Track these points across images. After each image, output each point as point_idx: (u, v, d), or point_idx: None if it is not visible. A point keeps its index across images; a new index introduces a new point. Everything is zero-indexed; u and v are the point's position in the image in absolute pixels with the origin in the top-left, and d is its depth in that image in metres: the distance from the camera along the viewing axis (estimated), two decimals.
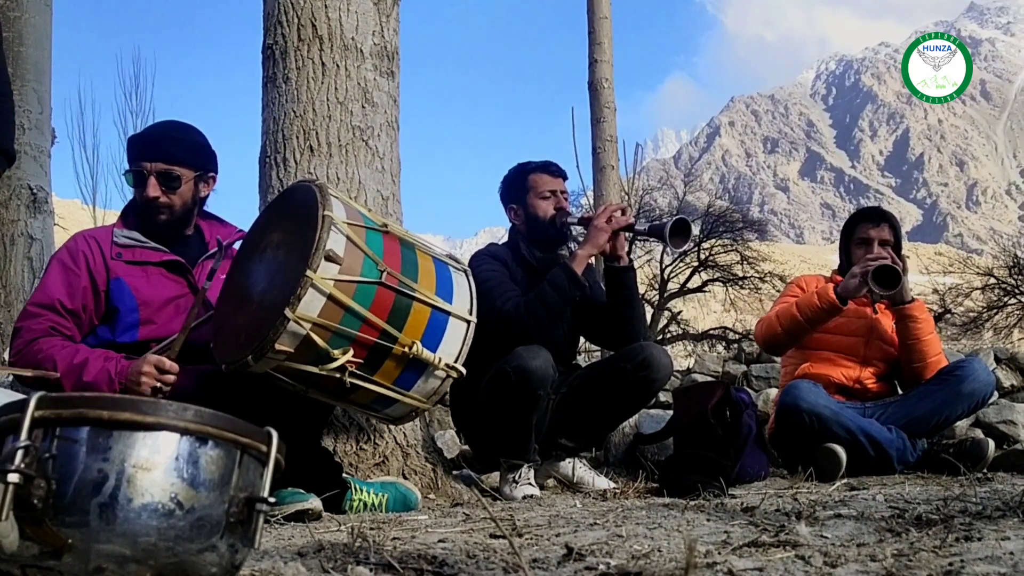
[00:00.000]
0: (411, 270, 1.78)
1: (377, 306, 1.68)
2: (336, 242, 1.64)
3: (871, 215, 3.18)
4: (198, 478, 0.72)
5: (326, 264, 1.61)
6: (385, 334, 1.68)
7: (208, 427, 0.72)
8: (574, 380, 2.86)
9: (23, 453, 0.65)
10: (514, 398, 2.52)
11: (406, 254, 1.82)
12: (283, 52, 2.84)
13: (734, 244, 18.05)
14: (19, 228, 4.65)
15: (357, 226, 1.74)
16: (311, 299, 1.59)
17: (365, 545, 1.01)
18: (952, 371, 2.97)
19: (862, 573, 0.78)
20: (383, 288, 1.69)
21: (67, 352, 1.93)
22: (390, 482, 2.31)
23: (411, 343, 1.71)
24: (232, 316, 1.88)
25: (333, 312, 1.62)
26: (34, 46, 4.76)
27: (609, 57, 4.31)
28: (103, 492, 0.68)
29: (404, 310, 1.71)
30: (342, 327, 1.64)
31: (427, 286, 1.78)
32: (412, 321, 1.72)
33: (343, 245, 1.65)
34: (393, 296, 1.70)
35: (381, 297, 1.68)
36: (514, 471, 2.64)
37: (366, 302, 1.66)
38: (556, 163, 2.97)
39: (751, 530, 1.15)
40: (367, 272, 1.68)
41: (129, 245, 2.13)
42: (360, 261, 1.68)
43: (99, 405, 0.69)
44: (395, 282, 1.70)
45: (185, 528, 0.70)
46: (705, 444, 2.79)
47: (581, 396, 2.79)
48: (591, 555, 0.92)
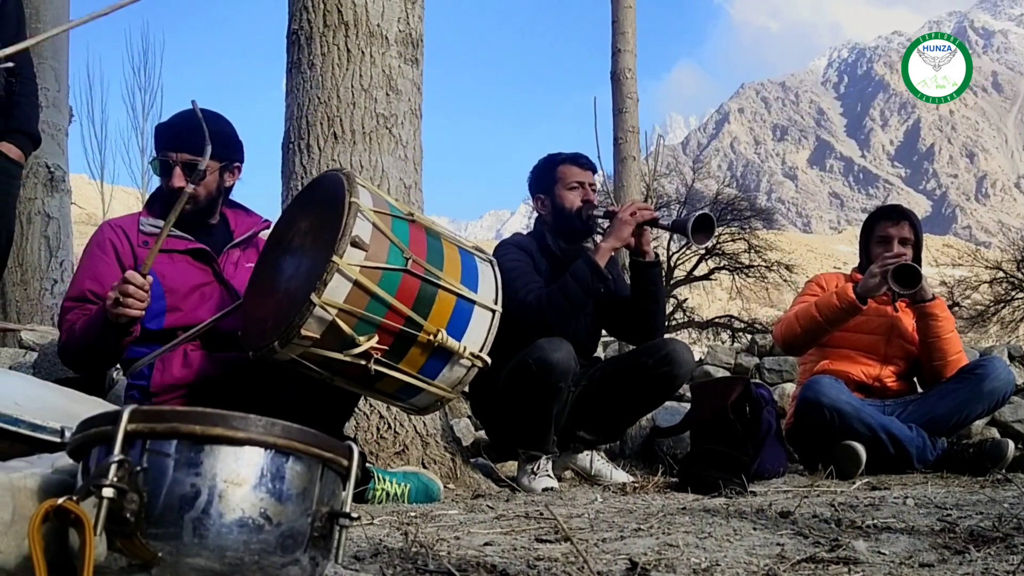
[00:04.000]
0: (437, 258, 1.77)
1: (403, 293, 1.67)
2: (362, 229, 1.63)
3: (891, 213, 3.16)
4: (284, 493, 0.72)
5: (352, 250, 1.60)
6: (410, 321, 1.67)
7: (295, 442, 0.72)
8: (595, 373, 2.86)
9: (116, 467, 0.66)
10: (535, 390, 2.52)
11: (432, 243, 1.81)
12: (308, 38, 2.82)
13: (741, 232, 17.99)
14: (36, 206, 4.66)
15: (383, 214, 1.73)
16: (337, 284, 1.58)
17: (422, 551, 1.01)
18: (973, 369, 2.96)
19: None
20: (409, 275, 1.68)
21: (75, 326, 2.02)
22: (412, 472, 2.32)
23: (436, 331, 1.70)
24: (259, 305, 1.88)
25: (359, 298, 1.62)
26: (52, 23, 4.74)
27: (632, 47, 4.28)
28: (196, 506, 0.69)
29: (429, 298, 1.70)
30: (368, 313, 1.63)
31: (452, 275, 1.77)
32: (437, 309, 1.71)
33: (369, 232, 1.64)
34: (419, 283, 1.69)
35: (407, 284, 1.67)
36: (532, 462, 2.65)
37: (392, 289, 1.65)
38: (586, 155, 2.95)
39: (802, 542, 1.15)
40: (393, 259, 1.67)
41: (155, 233, 2.13)
42: (386, 248, 1.67)
43: (192, 420, 0.69)
44: (421, 270, 1.70)
45: (273, 542, 0.70)
46: (724, 439, 2.80)
47: (601, 390, 2.79)
48: (654, 569, 0.92)
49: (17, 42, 3.00)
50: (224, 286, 2.17)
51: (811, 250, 76.33)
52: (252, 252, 2.28)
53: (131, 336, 1.94)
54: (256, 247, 2.29)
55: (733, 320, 17.66)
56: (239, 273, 2.20)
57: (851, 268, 3.34)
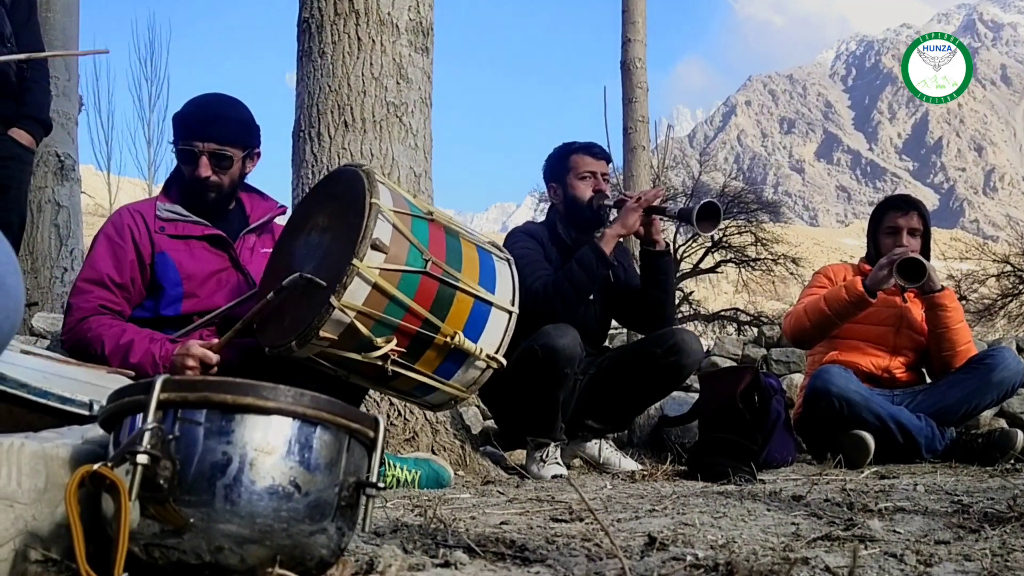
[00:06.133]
0: (455, 259, 1.76)
1: (421, 295, 1.66)
2: (383, 230, 1.62)
3: (900, 203, 3.15)
4: (313, 462, 0.73)
5: (372, 253, 1.59)
6: (428, 323, 1.67)
7: (323, 412, 0.73)
8: (603, 362, 2.87)
9: (150, 435, 0.67)
10: (541, 376, 2.53)
11: (451, 242, 1.80)
12: (319, 26, 2.83)
13: (748, 225, 17.95)
14: (46, 195, 4.67)
15: (403, 214, 1.71)
16: (356, 288, 1.57)
17: (441, 527, 1.03)
18: (982, 360, 2.96)
19: (960, 573, 0.79)
20: (427, 277, 1.67)
21: (114, 332, 1.95)
22: (423, 459, 2.33)
23: (453, 333, 1.70)
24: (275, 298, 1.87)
25: (377, 301, 1.61)
26: (62, 12, 4.75)
27: (643, 36, 4.27)
28: (227, 474, 0.70)
29: (447, 300, 1.70)
30: (386, 315, 1.63)
31: (471, 276, 1.76)
32: (455, 311, 1.71)
33: (389, 233, 1.63)
34: (437, 285, 1.68)
35: (425, 286, 1.67)
36: (540, 449, 2.66)
37: (410, 291, 1.64)
38: (600, 145, 2.96)
39: (816, 522, 1.16)
40: (412, 261, 1.66)
41: (172, 219, 2.14)
42: (406, 250, 1.66)
43: (223, 389, 0.70)
44: (439, 271, 1.69)
45: (302, 511, 0.72)
46: (732, 428, 2.80)
47: (610, 378, 2.80)
48: (673, 544, 0.93)
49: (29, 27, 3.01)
50: (241, 272, 2.17)
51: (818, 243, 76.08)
52: (268, 238, 2.28)
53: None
54: (271, 232, 2.29)
55: (739, 313, 17.64)
56: (255, 259, 2.20)
57: (859, 258, 3.33)
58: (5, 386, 0.92)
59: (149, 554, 0.71)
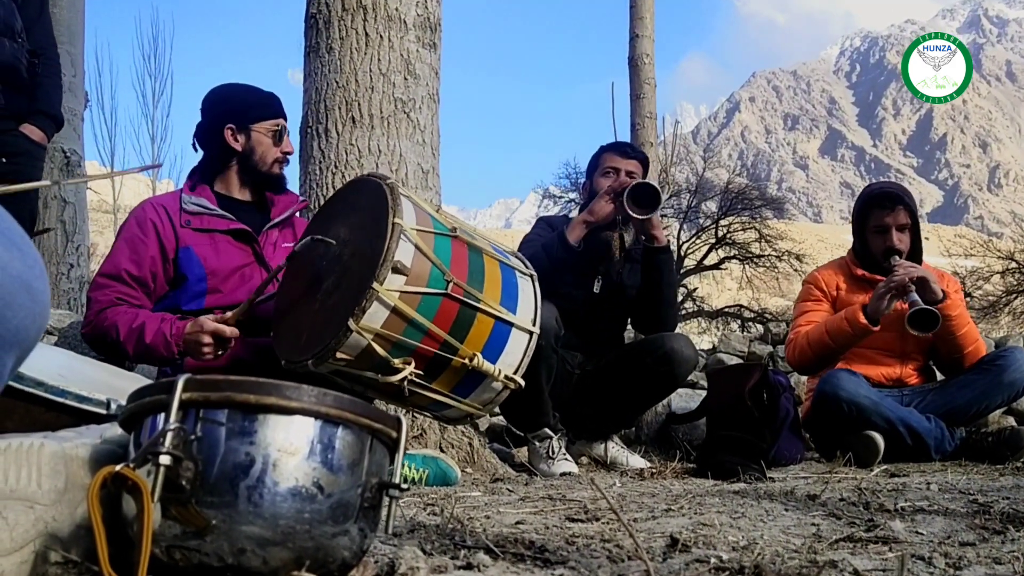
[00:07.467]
0: (478, 279, 1.71)
1: (441, 317, 1.62)
2: (404, 252, 1.57)
3: (883, 201, 3.04)
4: (336, 463, 0.72)
5: (393, 276, 1.55)
6: (446, 345, 1.62)
7: (346, 412, 0.72)
8: (601, 362, 2.88)
9: (172, 435, 0.66)
10: None
11: (473, 260, 1.74)
12: (327, 22, 2.82)
13: (752, 222, 17.90)
14: (53, 191, 4.67)
15: (426, 232, 1.66)
16: (375, 311, 1.53)
17: (459, 528, 1.02)
18: (993, 360, 2.94)
19: None
20: (448, 299, 1.62)
21: (127, 317, 1.96)
22: (431, 457, 2.32)
23: (472, 355, 1.65)
24: (294, 307, 1.84)
25: (396, 324, 1.57)
26: (67, 7, 4.75)
27: (651, 32, 4.25)
28: (251, 475, 0.69)
29: (468, 321, 1.65)
30: (404, 338, 1.58)
31: (492, 295, 1.71)
32: (475, 332, 1.66)
33: (411, 255, 1.58)
34: (458, 307, 1.63)
35: (445, 308, 1.62)
36: (543, 443, 2.64)
37: (430, 314, 1.60)
38: (632, 145, 3.04)
39: (835, 522, 1.15)
40: (433, 283, 1.61)
41: (198, 212, 2.13)
42: (427, 271, 1.61)
43: (246, 389, 0.69)
44: (461, 292, 1.63)
45: (325, 512, 0.71)
46: (740, 426, 2.79)
47: (605, 380, 2.83)
48: (695, 546, 0.92)
49: (41, 23, 3.01)
50: (264, 267, 2.16)
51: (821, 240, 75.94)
52: (289, 232, 2.27)
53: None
54: (292, 227, 2.29)
55: (743, 310, 17.61)
56: (278, 254, 2.19)
57: (847, 251, 3.27)
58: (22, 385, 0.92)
59: (170, 556, 0.71)
